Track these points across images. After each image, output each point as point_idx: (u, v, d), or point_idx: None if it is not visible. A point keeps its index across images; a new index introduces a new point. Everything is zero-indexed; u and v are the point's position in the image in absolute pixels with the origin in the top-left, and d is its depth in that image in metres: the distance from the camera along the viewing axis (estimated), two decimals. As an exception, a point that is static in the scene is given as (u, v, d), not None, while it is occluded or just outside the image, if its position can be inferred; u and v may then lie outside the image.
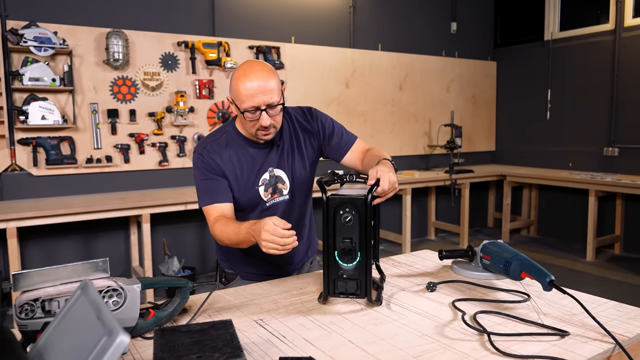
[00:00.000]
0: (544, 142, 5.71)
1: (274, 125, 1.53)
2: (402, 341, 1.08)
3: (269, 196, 1.65)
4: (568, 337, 1.09)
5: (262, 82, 1.46)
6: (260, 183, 1.63)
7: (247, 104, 1.46)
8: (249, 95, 1.45)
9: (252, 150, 1.63)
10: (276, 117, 1.52)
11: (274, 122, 1.52)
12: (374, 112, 5.27)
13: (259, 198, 1.64)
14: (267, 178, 1.64)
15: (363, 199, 1.26)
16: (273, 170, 1.64)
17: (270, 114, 1.49)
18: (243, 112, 1.48)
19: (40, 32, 3.46)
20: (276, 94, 1.48)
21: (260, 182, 1.63)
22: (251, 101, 1.46)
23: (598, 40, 5.17)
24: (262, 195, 1.64)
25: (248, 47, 4.41)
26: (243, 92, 1.46)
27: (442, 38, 5.78)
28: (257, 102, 1.45)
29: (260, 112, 1.47)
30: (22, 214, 3.13)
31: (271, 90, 1.47)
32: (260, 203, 1.65)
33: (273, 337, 1.11)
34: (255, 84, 1.45)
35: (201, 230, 4.34)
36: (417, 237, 5.68)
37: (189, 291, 1.23)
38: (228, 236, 1.50)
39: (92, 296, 0.81)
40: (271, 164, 1.64)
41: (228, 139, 1.63)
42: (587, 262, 4.75)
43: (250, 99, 1.45)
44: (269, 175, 1.64)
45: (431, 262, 1.73)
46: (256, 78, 1.46)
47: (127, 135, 3.93)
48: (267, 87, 1.46)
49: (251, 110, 1.47)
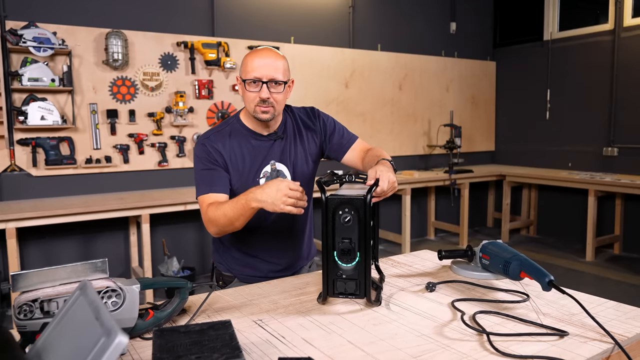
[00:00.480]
0: (543, 142, 5.71)
1: (273, 104, 1.55)
2: (401, 341, 1.08)
3: None
4: (567, 337, 1.09)
5: (270, 59, 1.53)
6: (261, 175, 1.64)
7: (251, 74, 1.52)
8: (255, 67, 1.52)
9: (255, 142, 1.64)
10: (277, 95, 1.55)
11: (274, 99, 1.55)
12: (374, 112, 5.27)
13: None
14: (269, 171, 1.65)
15: (362, 199, 1.26)
16: (275, 164, 1.66)
17: (272, 90, 1.53)
18: (245, 81, 1.54)
19: (39, 33, 3.45)
20: (281, 73, 1.54)
21: (262, 174, 1.64)
22: (255, 72, 1.52)
23: (597, 40, 5.18)
24: None
25: (247, 47, 4.41)
26: (249, 63, 1.53)
27: (441, 38, 5.78)
28: (261, 73, 1.51)
29: (262, 85, 1.52)
30: (21, 215, 3.13)
31: (276, 68, 1.53)
32: None
33: (272, 338, 1.11)
34: (263, 59, 1.53)
35: (201, 231, 4.34)
36: (416, 237, 5.68)
37: (188, 291, 1.23)
38: (223, 212, 1.48)
39: (90, 297, 0.81)
40: (273, 157, 1.66)
41: (232, 130, 1.65)
42: (587, 262, 4.75)
43: (255, 70, 1.52)
44: (270, 169, 1.65)
45: (430, 262, 1.73)
46: (266, 55, 1.54)
47: (127, 135, 3.93)
48: (273, 64, 1.53)
49: (253, 80, 1.52)
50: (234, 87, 4.35)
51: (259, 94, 1.53)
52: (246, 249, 1.73)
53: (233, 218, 1.47)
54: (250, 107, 1.58)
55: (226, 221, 1.49)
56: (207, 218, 1.54)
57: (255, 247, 1.72)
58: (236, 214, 1.46)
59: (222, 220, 1.49)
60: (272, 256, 1.73)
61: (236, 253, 1.75)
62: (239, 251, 1.74)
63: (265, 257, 1.73)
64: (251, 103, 1.56)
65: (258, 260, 1.73)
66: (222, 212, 1.48)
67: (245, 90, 1.56)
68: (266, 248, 1.72)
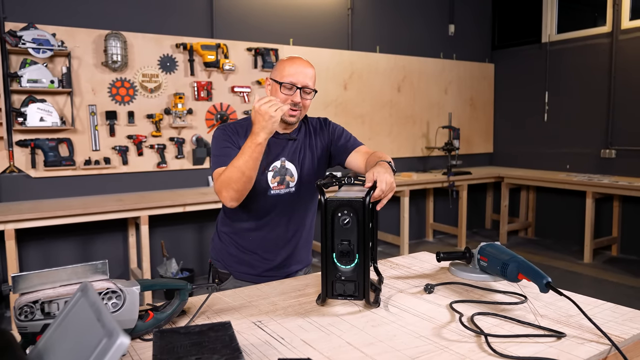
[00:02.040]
0: (542, 144, 5.73)
1: (301, 108, 1.68)
2: (399, 343, 1.09)
3: (275, 184, 1.70)
4: (565, 338, 1.10)
5: (305, 68, 1.68)
6: (270, 169, 1.70)
7: (287, 79, 1.64)
8: (292, 73, 1.65)
9: (271, 138, 1.69)
10: (306, 102, 1.68)
11: (303, 105, 1.67)
12: (372, 114, 5.28)
13: (266, 183, 1.69)
14: (278, 166, 1.71)
15: (361, 201, 1.27)
16: (285, 162, 1.72)
17: (303, 96, 1.66)
18: (281, 83, 1.64)
19: (38, 34, 3.46)
20: (312, 82, 1.69)
21: (271, 167, 1.70)
22: (292, 77, 1.64)
23: (595, 42, 5.19)
24: (269, 181, 1.69)
25: (246, 49, 4.41)
26: (287, 69, 1.66)
27: (440, 40, 5.79)
28: (297, 79, 1.64)
29: (296, 89, 1.64)
30: (20, 216, 3.13)
31: (310, 77, 1.68)
32: (266, 189, 1.69)
33: (271, 339, 1.12)
34: (299, 67, 1.67)
35: (200, 232, 4.35)
36: (415, 239, 5.69)
37: (188, 293, 1.23)
38: (233, 164, 1.53)
39: (92, 298, 0.81)
40: (285, 155, 1.73)
41: (249, 125, 1.69)
42: (585, 263, 4.76)
43: (292, 75, 1.65)
44: (279, 165, 1.71)
45: (429, 264, 1.73)
46: (302, 64, 1.68)
47: (126, 137, 3.93)
48: (308, 73, 1.67)
49: (289, 85, 1.64)
50: (232, 89, 4.36)
51: (292, 98, 1.65)
52: (245, 244, 1.76)
53: (243, 166, 1.51)
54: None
55: (237, 172, 1.51)
56: (219, 184, 1.56)
57: (254, 243, 1.75)
58: (245, 159, 1.50)
59: (233, 173, 1.52)
60: (268, 252, 1.75)
61: (234, 250, 1.77)
62: (237, 248, 1.77)
63: (262, 254, 1.75)
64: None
65: (256, 257, 1.75)
66: (230, 166, 1.53)
67: (279, 92, 1.65)
68: (264, 244, 1.75)
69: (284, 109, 1.52)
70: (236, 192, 1.54)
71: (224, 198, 1.56)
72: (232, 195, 1.55)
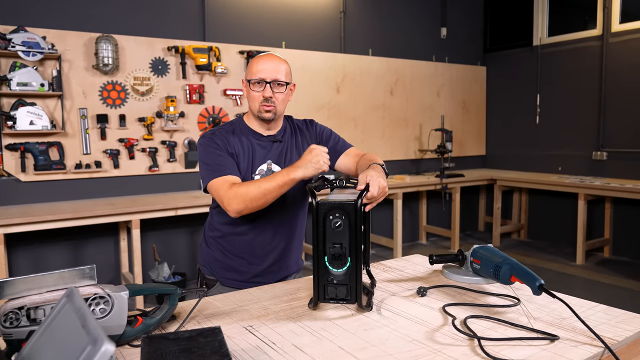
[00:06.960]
0: (534, 147, 5.75)
1: (275, 103, 1.65)
2: (392, 347, 1.08)
3: None
4: (558, 341, 1.09)
5: (274, 63, 1.66)
6: (257, 172, 1.69)
7: (256, 75, 1.64)
8: (260, 69, 1.64)
9: (256, 141, 1.71)
10: (279, 95, 1.66)
11: (276, 99, 1.65)
12: (365, 117, 5.28)
13: None
14: (264, 169, 1.70)
15: (353, 204, 1.26)
16: (271, 164, 1.71)
17: (275, 90, 1.65)
18: (250, 81, 1.64)
19: (28, 37, 3.43)
20: (283, 75, 1.66)
21: (257, 171, 1.69)
22: (260, 73, 1.64)
23: (586, 45, 5.23)
24: None
25: (239, 52, 4.40)
26: (255, 66, 1.65)
27: (432, 43, 5.81)
28: (265, 75, 1.63)
29: (265, 85, 1.63)
30: (9, 220, 3.10)
31: (279, 71, 1.65)
32: None
33: (262, 344, 1.10)
34: (268, 63, 1.66)
35: (192, 236, 4.32)
36: (408, 242, 5.69)
37: (178, 298, 1.21)
38: (258, 185, 1.51)
39: (77, 304, 0.80)
40: (271, 157, 1.72)
41: (234, 128, 1.73)
42: (577, 265, 4.78)
43: (260, 72, 1.64)
44: (266, 167, 1.70)
45: (422, 266, 1.73)
46: (270, 59, 1.67)
47: (117, 140, 3.91)
48: (277, 67, 1.66)
49: (257, 80, 1.63)
50: (225, 92, 4.34)
51: (263, 93, 1.64)
52: (230, 249, 1.74)
53: (267, 191, 1.50)
54: (254, 106, 1.67)
55: (258, 193, 1.50)
56: (232, 193, 1.52)
57: (240, 247, 1.72)
58: (273, 186, 1.50)
59: (254, 192, 1.50)
60: (254, 256, 1.73)
61: (219, 255, 1.75)
62: (223, 253, 1.75)
63: (249, 258, 1.73)
64: (255, 102, 1.66)
65: (242, 261, 1.73)
66: (255, 185, 1.52)
67: (250, 90, 1.66)
68: (250, 248, 1.72)
69: (325, 169, 1.52)
70: (248, 209, 1.53)
71: (232, 208, 1.53)
72: (242, 209, 1.52)
